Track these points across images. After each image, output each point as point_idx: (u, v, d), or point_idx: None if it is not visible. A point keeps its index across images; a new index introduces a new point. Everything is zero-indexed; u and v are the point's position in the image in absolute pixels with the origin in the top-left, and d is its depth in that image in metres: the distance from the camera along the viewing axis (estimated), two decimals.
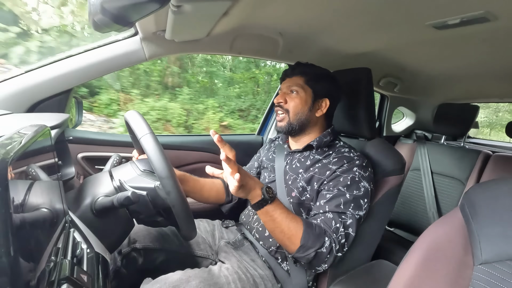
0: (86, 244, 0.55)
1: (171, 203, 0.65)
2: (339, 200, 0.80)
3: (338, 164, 0.85)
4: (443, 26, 0.86)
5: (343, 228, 0.77)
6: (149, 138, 0.66)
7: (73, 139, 1.11)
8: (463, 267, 0.49)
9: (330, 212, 0.79)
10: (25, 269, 0.33)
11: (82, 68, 0.97)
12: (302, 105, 0.92)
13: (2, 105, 0.86)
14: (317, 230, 0.75)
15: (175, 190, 0.64)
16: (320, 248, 0.73)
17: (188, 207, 0.67)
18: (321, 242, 0.73)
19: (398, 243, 1.64)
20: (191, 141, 1.41)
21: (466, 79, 1.61)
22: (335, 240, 0.75)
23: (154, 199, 0.71)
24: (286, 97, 0.94)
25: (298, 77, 0.94)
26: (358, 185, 0.82)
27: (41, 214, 0.43)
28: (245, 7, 0.82)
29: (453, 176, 1.65)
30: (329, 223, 0.78)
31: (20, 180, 0.39)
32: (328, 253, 0.74)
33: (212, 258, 0.96)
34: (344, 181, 0.82)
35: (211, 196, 1.04)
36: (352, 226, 0.78)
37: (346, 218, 0.79)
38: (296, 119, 0.92)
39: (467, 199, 0.57)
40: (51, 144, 0.58)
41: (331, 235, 0.75)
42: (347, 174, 0.83)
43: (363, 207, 0.81)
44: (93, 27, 0.63)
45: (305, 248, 0.73)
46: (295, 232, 0.74)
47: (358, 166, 0.84)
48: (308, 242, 0.73)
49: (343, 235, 0.76)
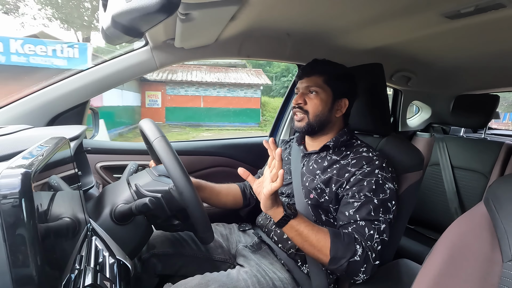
0: (108, 251, 0.57)
1: (185, 204, 0.66)
2: (369, 207, 0.77)
3: (357, 166, 0.83)
4: (456, 15, 0.83)
5: (378, 234, 0.75)
6: (161, 140, 0.69)
7: (91, 149, 1.15)
8: (491, 264, 0.47)
9: (362, 221, 0.77)
10: (51, 278, 0.34)
11: (97, 80, 1.00)
12: (323, 107, 0.89)
13: (24, 120, 0.90)
14: (346, 239, 0.73)
15: (188, 189, 0.65)
16: (352, 258, 0.71)
17: (203, 208, 0.68)
18: (352, 251, 0.71)
19: (419, 241, 1.59)
20: (204, 146, 1.42)
21: (484, 69, 1.55)
22: (370, 248, 0.73)
23: (169, 201, 0.72)
24: (305, 98, 0.90)
25: (317, 76, 0.90)
26: (383, 187, 0.79)
27: (64, 223, 0.44)
28: (252, 11, 0.83)
29: (475, 170, 1.59)
30: (362, 231, 0.76)
31: (44, 191, 0.41)
32: (364, 262, 0.72)
33: (230, 262, 0.96)
34: (369, 185, 0.79)
35: (229, 201, 1.06)
36: (386, 231, 0.77)
37: (380, 224, 0.77)
38: (316, 120, 0.89)
39: (491, 193, 0.54)
40: (70, 155, 0.60)
41: (364, 243, 0.73)
42: (370, 177, 0.80)
43: (392, 210, 0.79)
44: (105, 40, 0.65)
45: (336, 259, 0.71)
46: (324, 243, 0.73)
47: (379, 168, 0.81)
48: (338, 253, 0.71)
49: (379, 241, 0.75)
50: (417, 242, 1.57)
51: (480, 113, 1.67)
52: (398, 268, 0.96)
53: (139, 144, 1.27)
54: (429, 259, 0.55)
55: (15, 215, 0.29)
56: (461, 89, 1.89)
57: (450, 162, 1.69)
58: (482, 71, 1.59)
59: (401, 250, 1.50)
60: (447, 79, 1.76)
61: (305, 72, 0.92)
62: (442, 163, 1.72)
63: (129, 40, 0.67)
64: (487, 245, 0.49)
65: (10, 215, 0.29)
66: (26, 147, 0.46)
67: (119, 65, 1.02)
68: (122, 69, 1.02)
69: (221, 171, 1.43)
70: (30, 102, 0.93)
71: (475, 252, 0.49)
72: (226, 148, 1.45)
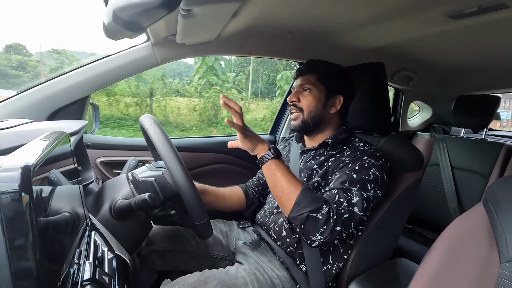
0: (107, 246, 0.57)
1: (178, 187, 0.67)
2: (345, 178, 0.78)
3: (351, 156, 0.84)
4: (459, 15, 0.83)
5: (347, 203, 0.75)
6: (155, 127, 0.71)
7: (91, 144, 1.15)
8: (488, 265, 0.47)
9: (335, 189, 0.78)
10: (50, 271, 0.34)
11: (98, 75, 1.00)
12: (316, 103, 0.91)
13: (24, 114, 0.90)
14: (317, 195, 0.76)
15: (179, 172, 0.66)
16: (315, 213, 0.72)
17: (196, 192, 0.68)
18: (317, 206, 0.73)
19: (418, 240, 1.60)
20: (204, 143, 1.42)
21: (486, 70, 1.55)
22: (335, 210, 0.73)
23: (162, 186, 0.73)
24: (299, 95, 0.93)
25: (310, 74, 0.93)
26: (368, 171, 0.79)
27: (64, 217, 0.45)
28: (254, 8, 0.82)
29: (474, 171, 1.59)
30: (333, 196, 0.77)
31: (43, 186, 0.41)
32: (325, 223, 0.72)
33: (229, 259, 0.97)
34: (352, 166, 0.81)
35: (234, 204, 1.07)
36: (358, 205, 0.75)
37: (352, 196, 0.76)
38: (310, 117, 0.91)
39: (490, 194, 0.54)
40: (70, 150, 0.60)
41: (331, 205, 0.74)
42: (356, 161, 0.81)
43: (370, 190, 0.78)
44: (106, 35, 0.65)
45: (299, 206, 0.73)
46: (294, 190, 0.76)
47: (369, 156, 0.82)
48: (303, 201, 0.74)
49: (346, 210, 0.74)
50: (415, 242, 1.57)
51: (481, 114, 1.67)
52: (396, 267, 0.96)
53: (139, 140, 1.27)
54: (426, 259, 0.55)
55: (14, 209, 0.29)
56: (462, 90, 1.89)
57: (450, 163, 1.69)
58: (484, 72, 1.59)
59: (399, 249, 1.51)
60: (449, 79, 1.76)
61: (300, 72, 0.96)
62: (442, 163, 1.72)
63: (130, 36, 0.67)
64: (485, 245, 0.49)
65: (9, 208, 0.29)
66: (27, 141, 0.45)
67: (120, 60, 1.01)
68: (123, 65, 1.02)
69: (221, 168, 1.43)
70: (31, 96, 0.93)
71: (473, 253, 0.50)
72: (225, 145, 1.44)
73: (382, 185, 0.81)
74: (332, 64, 0.96)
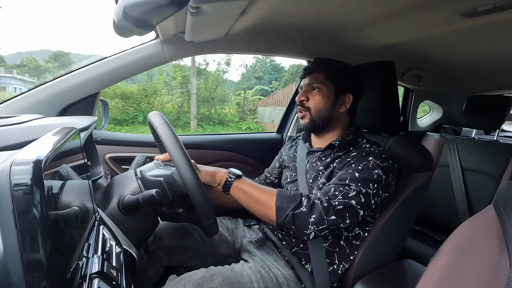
0: (115, 240, 0.58)
1: (186, 187, 0.67)
2: (346, 176, 0.77)
3: (356, 157, 0.83)
4: (472, 13, 0.81)
5: (342, 196, 0.73)
6: (164, 126, 0.71)
7: (101, 140, 1.16)
8: (497, 269, 0.46)
9: (332, 184, 0.77)
10: (60, 264, 0.35)
11: (108, 72, 1.01)
12: (325, 102, 0.89)
13: (35, 110, 0.92)
14: (292, 192, 0.76)
15: (188, 173, 0.67)
16: (297, 209, 0.72)
17: (204, 192, 0.68)
18: (296, 201, 0.73)
19: (425, 242, 1.58)
20: (211, 140, 1.43)
21: (499, 69, 1.51)
22: (325, 200, 0.73)
23: (171, 185, 0.74)
24: (307, 95, 0.91)
25: (318, 73, 0.91)
26: (371, 171, 0.77)
27: (73, 211, 0.45)
28: (262, 5, 0.82)
29: (485, 172, 1.56)
30: (327, 190, 0.76)
31: (54, 180, 0.42)
32: (311, 212, 0.72)
33: (235, 256, 0.97)
34: (356, 166, 0.79)
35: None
36: (356, 199, 0.73)
37: (349, 191, 0.74)
38: (318, 116, 0.90)
39: (501, 197, 0.53)
40: (80, 145, 0.61)
41: (314, 197, 0.74)
42: (360, 162, 0.79)
43: (372, 190, 0.75)
44: (116, 32, 0.65)
45: (281, 210, 0.73)
46: (269, 198, 0.76)
47: (374, 156, 0.80)
48: (282, 204, 0.73)
49: (341, 202, 0.73)
50: (423, 243, 1.55)
51: (493, 114, 1.63)
52: (402, 268, 0.95)
53: (147, 137, 1.28)
54: (434, 261, 0.54)
55: (26, 202, 0.30)
56: (474, 90, 1.85)
57: (460, 164, 1.66)
58: (497, 72, 1.55)
59: (406, 250, 1.49)
60: (461, 79, 1.72)
61: (308, 71, 0.94)
62: (451, 164, 1.69)
63: (140, 33, 0.68)
64: (495, 249, 0.48)
65: (21, 201, 0.30)
66: (38, 136, 0.46)
67: (130, 57, 1.02)
68: (132, 62, 1.03)
69: (228, 166, 1.43)
70: (42, 92, 0.95)
71: (482, 256, 0.49)
72: (233, 142, 1.46)
73: (386, 187, 0.78)
74: (340, 62, 0.94)
